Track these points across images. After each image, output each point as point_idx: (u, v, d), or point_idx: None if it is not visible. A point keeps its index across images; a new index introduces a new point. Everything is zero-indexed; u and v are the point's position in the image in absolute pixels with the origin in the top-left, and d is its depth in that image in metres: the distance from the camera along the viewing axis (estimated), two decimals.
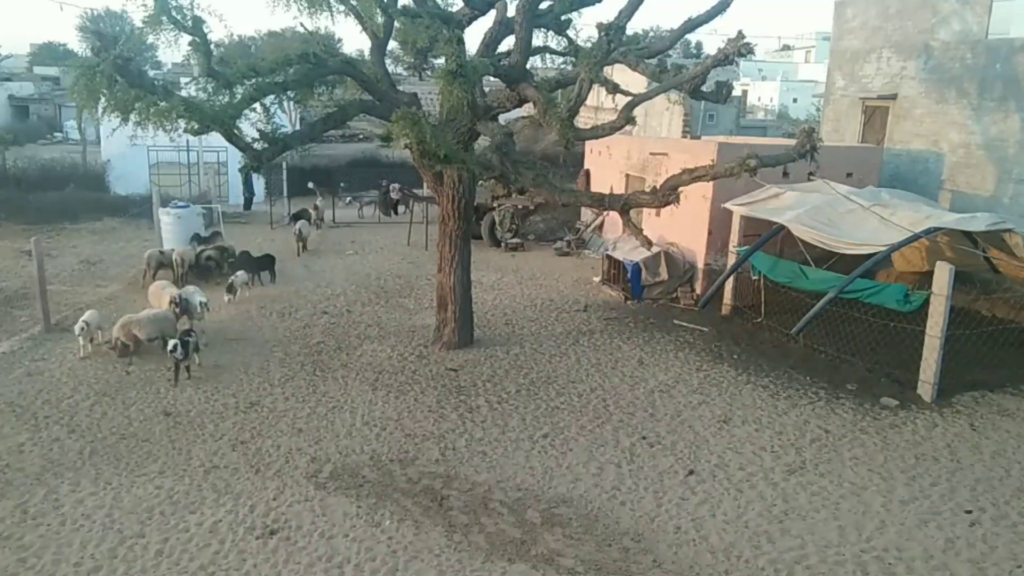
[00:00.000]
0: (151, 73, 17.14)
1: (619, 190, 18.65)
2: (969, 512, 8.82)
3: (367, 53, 14.28)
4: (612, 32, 11.40)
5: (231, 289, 15.98)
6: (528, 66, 13.09)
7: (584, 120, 25.46)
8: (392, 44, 13.87)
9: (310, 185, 26.71)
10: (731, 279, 15.63)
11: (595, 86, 12.08)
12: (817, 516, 8.72)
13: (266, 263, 17.90)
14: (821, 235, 13.36)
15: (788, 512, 8.79)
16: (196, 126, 10.84)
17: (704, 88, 12.67)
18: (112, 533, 8.14)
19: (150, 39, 11.46)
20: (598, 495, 9.04)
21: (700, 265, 16.85)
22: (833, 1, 21.60)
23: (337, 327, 14.85)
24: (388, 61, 14.05)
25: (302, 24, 20.32)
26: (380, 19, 12.77)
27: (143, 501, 8.74)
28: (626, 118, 11.55)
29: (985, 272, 15.01)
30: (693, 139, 24.21)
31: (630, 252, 17.20)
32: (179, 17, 10.73)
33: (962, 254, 13.90)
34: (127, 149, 22.77)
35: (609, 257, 18.06)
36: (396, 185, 26.76)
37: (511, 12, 12.94)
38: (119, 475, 9.29)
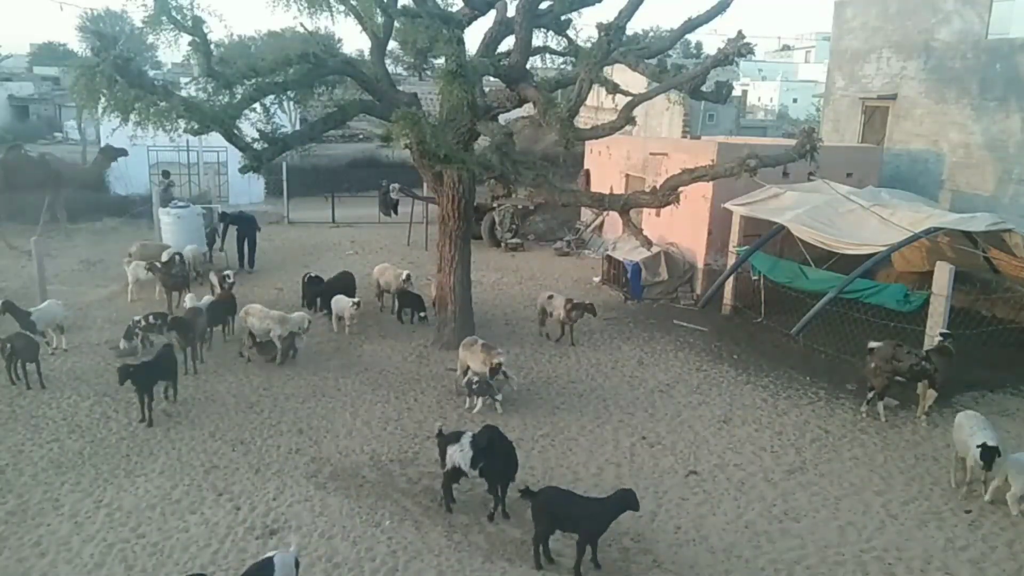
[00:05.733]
0: (151, 73, 17.12)
1: (619, 190, 18.65)
2: (969, 512, 8.82)
3: (367, 53, 14.29)
4: (612, 32, 11.39)
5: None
6: (528, 66, 13.09)
7: (584, 120, 25.45)
8: (392, 44, 13.88)
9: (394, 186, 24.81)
10: (731, 279, 15.63)
11: (595, 86, 12.09)
12: (817, 516, 8.72)
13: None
14: (821, 235, 13.36)
15: (788, 512, 8.78)
16: (196, 126, 10.86)
17: (704, 88, 12.69)
18: (112, 533, 8.14)
19: (150, 39, 11.49)
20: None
21: (700, 265, 16.84)
22: (833, 1, 21.60)
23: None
24: (388, 61, 14.06)
25: (302, 24, 20.27)
26: (380, 19, 12.78)
27: (143, 501, 8.74)
28: (626, 118, 11.55)
29: (985, 272, 15.00)
30: (693, 139, 24.20)
31: (630, 252, 17.19)
32: (179, 17, 10.75)
33: (962, 254, 13.89)
34: (127, 149, 22.71)
35: (609, 257, 18.05)
36: (396, 185, 26.72)
37: (511, 12, 12.95)
38: (119, 475, 9.30)
